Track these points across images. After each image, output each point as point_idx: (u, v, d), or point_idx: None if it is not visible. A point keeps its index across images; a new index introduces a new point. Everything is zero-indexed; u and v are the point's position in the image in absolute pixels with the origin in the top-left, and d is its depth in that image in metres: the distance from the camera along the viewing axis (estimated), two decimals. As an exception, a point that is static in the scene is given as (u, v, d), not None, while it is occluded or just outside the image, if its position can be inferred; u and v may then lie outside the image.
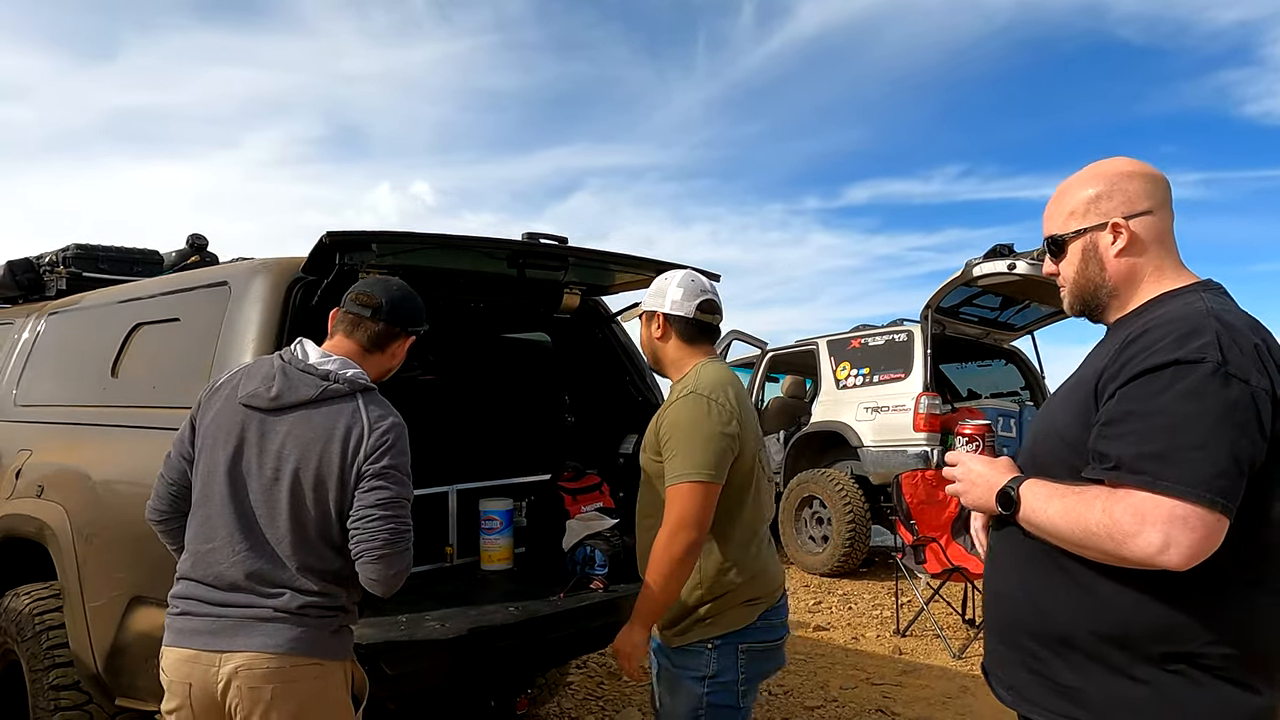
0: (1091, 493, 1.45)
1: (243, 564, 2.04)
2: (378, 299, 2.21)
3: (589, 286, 3.71)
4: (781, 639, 2.37)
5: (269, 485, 2.06)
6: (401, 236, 2.66)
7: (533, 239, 3.04)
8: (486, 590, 3.16)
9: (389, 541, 2.01)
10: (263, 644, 2.02)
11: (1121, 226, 1.62)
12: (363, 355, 2.20)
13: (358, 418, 2.07)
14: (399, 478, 2.06)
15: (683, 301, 2.40)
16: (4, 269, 4.60)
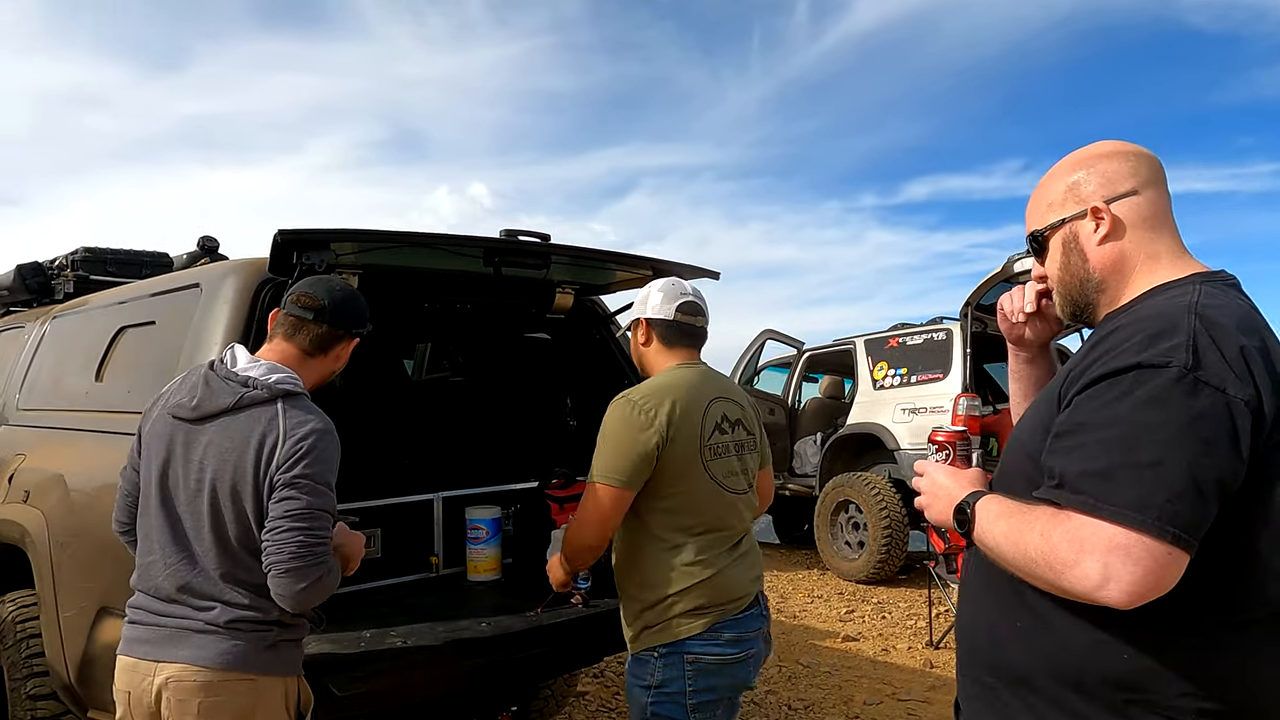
0: (1035, 514, 1.26)
1: (174, 577, 2.02)
2: (320, 300, 2.12)
3: (583, 286, 3.57)
4: (742, 655, 2.23)
5: (193, 497, 2.02)
6: (357, 234, 2.54)
7: (510, 236, 2.91)
8: (467, 603, 3.03)
9: (296, 555, 1.91)
10: (192, 656, 1.98)
11: (1102, 211, 1.43)
12: (302, 359, 2.13)
13: (274, 425, 1.98)
14: (311, 487, 1.95)
15: (662, 304, 2.38)
16: (14, 273, 4.62)
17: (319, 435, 2.00)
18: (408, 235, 2.65)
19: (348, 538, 2.22)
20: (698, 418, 2.25)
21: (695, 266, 3.47)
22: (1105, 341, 1.29)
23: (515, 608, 2.89)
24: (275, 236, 2.46)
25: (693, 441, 2.22)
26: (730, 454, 2.31)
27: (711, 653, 2.19)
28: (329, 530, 1.99)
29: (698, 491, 2.23)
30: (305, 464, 1.95)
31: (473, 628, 2.66)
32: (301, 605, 1.98)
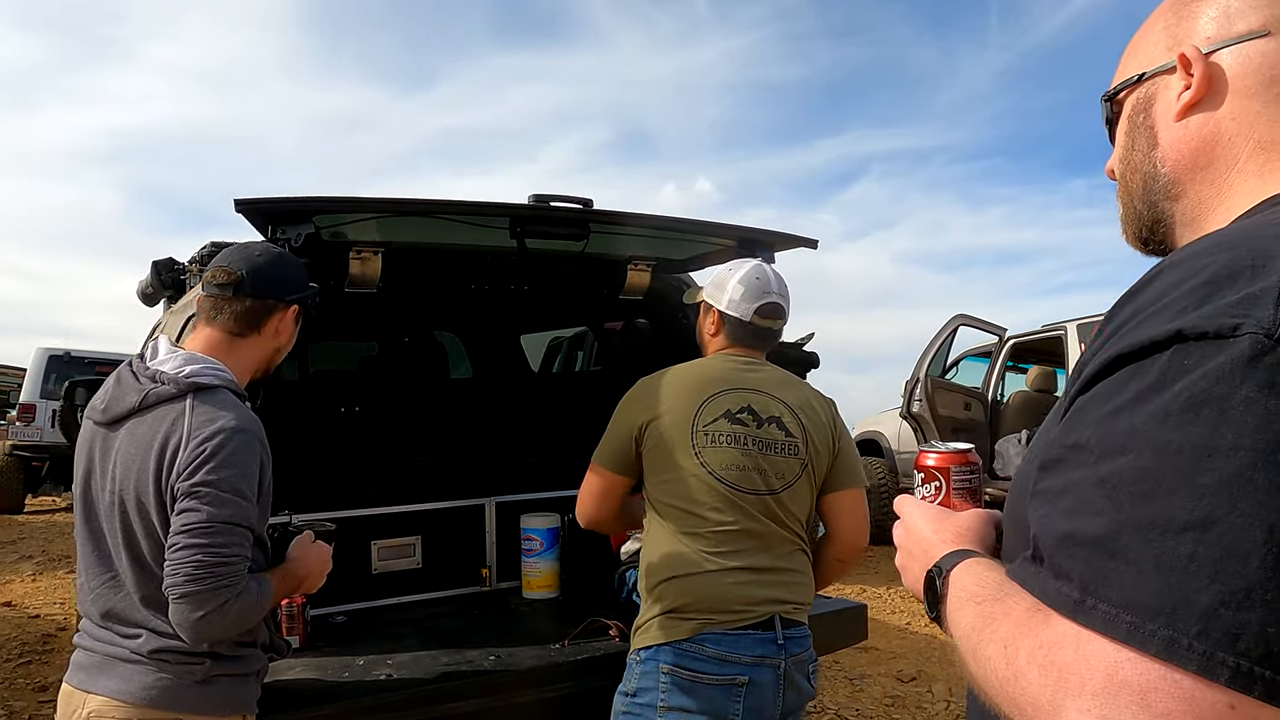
0: (1003, 607, 0.71)
1: (99, 601, 1.77)
2: (236, 272, 1.81)
3: (660, 261, 3.08)
4: (724, 680, 1.93)
5: (109, 511, 1.75)
6: (335, 202, 2.20)
7: (540, 201, 2.47)
8: (500, 626, 2.65)
9: (191, 577, 1.59)
10: (115, 689, 1.71)
11: (1193, 60, 0.84)
12: (230, 343, 1.82)
13: (178, 425, 1.68)
14: (214, 496, 1.63)
15: (740, 302, 2.19)
16: (150, 269, 4.76)
17: (228, 435, 1.67)
18: (402, 203, 2.28)
19: (303, 551, 1.90)
20: (698, 402, 2.07)
21: (791, 235, 2.91)
22: (1140, 294, 0.70)
23: (548, 636, 2.48)
24: (235, 207, 2.17)
25: (683, 424, 2.04)
26: (744, 445, 2.05)
27: (689, 666, 1.94)
28: (240, 547, 1.66)
29: (686, 479, 2.03)
30: (208, 469, 1.64)
31: (477, 660, 2.27)
32: (202, 637, 1.65)
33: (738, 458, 2.05)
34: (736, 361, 2.17)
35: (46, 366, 11.94)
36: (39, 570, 7.93)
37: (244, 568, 1.67)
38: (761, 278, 2.22)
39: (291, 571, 1.86)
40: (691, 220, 2.74)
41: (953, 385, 8.34)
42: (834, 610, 2.73)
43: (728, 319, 2.20)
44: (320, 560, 1.92)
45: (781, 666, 1.98)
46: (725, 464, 2.04)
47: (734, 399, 2.09)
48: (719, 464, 2.03)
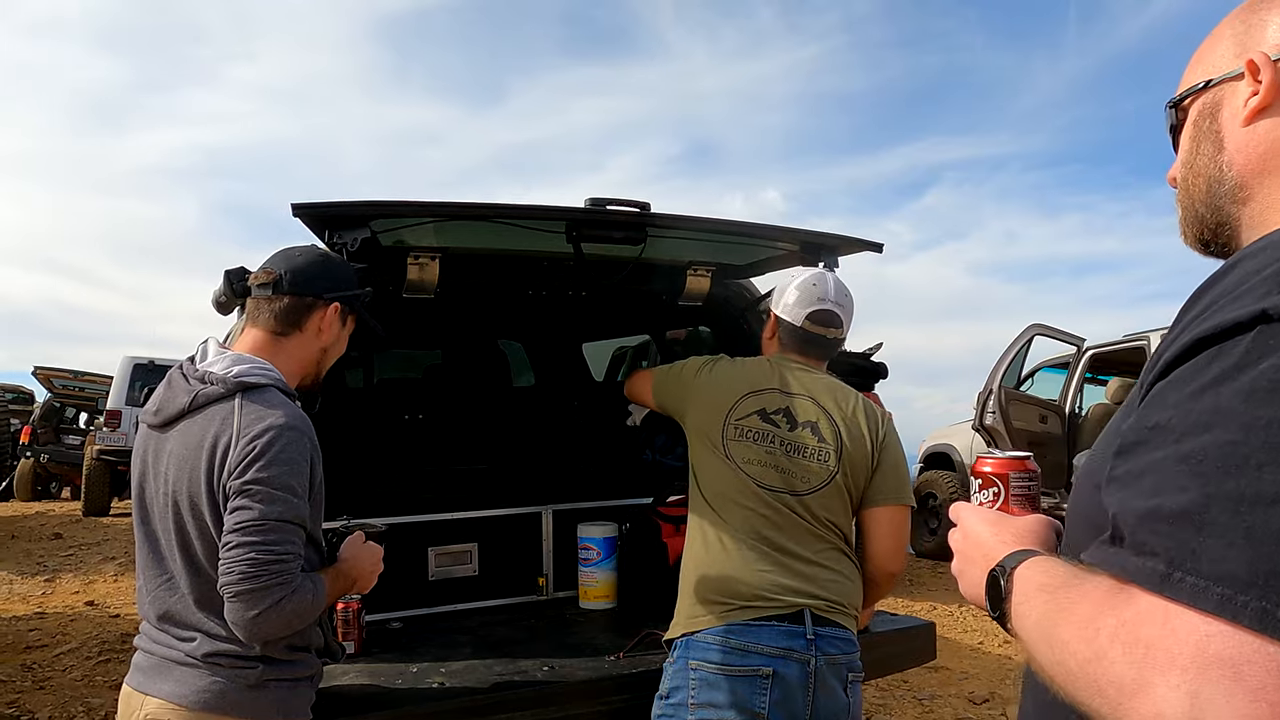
0: (1081, 591, 0.70)
1: (156, 603, 1.79)
2: (275, 271, 1.86)
3: (721, 267, 3.02)
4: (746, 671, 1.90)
5: (163, 513, 1.76)
6: (392, 206, 2.20)
7: (597, 205, 2.44)
8: (555, 636, 2.61)
9: (246, 575, 1.60)
10: (171, 692, 1.73)
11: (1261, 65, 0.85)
12: (274, 343, 1.84)
13: (228, 424, 1.69)
14: (266, 494, 1.63)
15: (794, 306, 2.22)
16: (223, 279, 4.87)
17: (277, 432, 1.67)
18: (456, 206, 2.27)
19: (355, 552, 1.90)
20: (736, 396, 2.12)
21: (854, 238, 2.83)
22: (1218, 284, 0.71)
23: (603, 647, 2.43)
24: (293, 211, 2.18)
25: (716, 417, 2.10)
26: (771, 444, 2.08)
27: (713, 659, 1.93)
28: (293, 545, 1.66)
29: (720, 470, 2.08)
30: (259, 466, 1.65)
31: (529, 671, 2.23)
32: (257, 636, 1.65)
33: (760, 454, 2.08)
34: (787, 365, 2.20)
35: (132, 374, 12.40)
36: (121, 571, 8.20)
37: (297, 565, 1.66)
38: (819, 284, 2.23)
39: (344, 572, 1.86)
40: (750, 224, 2.68)
41: (1028, 397, 8.07)
42: (900, 628, 2.63)
43: (782, 324, 2.24)
44: (372, 560, 1.92)
45: (811, 664, 1.93)
46: (746, 459, 2.07)
47: (773, 399, 2.12)
48: (741, 458, 2.08)
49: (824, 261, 2.80)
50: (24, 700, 4.67)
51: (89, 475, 12.44)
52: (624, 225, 2.45)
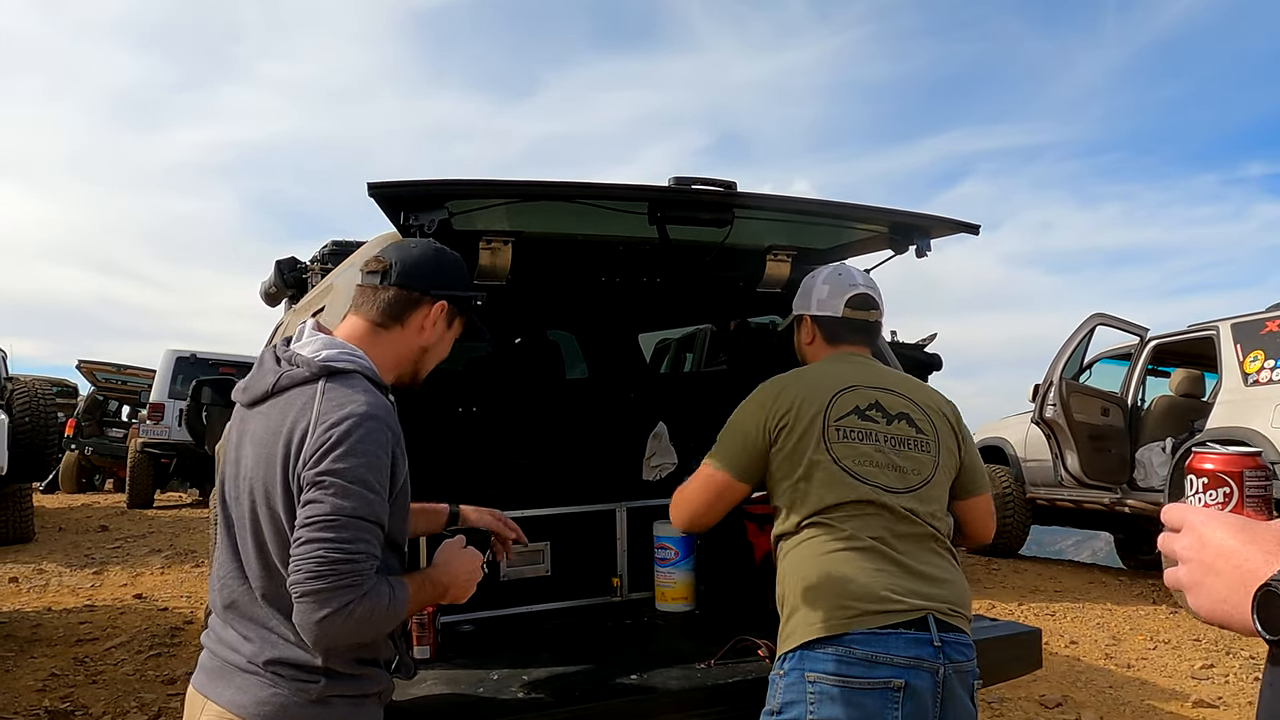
0: None
1: (224, 590, 1.68)
2: (387, 260, 1.75)
3: (802, 251, 2.86)
4: (876, 684, 1.78)
5: (239, 498, 1.66)
6: (472, 186, 2.06)
7: (683, 183, 2.29)
8: (635, 641, 2.47)
9: (314, 574, 1.48)
10: (231, 700, 1.62)
11: None
12: (373, 333, 1.74)
13: (308, 410, 1.58)
14: (340, 487, 1.51)
15: (829, 299, 2.19)
16: (274, 269, 4.79)
17: (356, 421, 1.55)
18: (537, 185, 2.13)
19: (450, 556, 1.76)
20: (826, 399, 2.03)
21: (949, 219, 2.67)
22: None
23: (690, 654, 2.29)
24: (369, 191, 2.05)
25: (815, 424, 1.99)
26: (876, 441, 2.01)
27: (836, 671, 1.80)
28: (366, 543, 1.53)
29: (825, 477, 1.96)
30: (334, 456, 1.53)
31: (613, 682, 2.09)
32: (324, 641, 1.52)
33: (871, 454, 2.00)
34: (853, 360, 2.15)
35: (174, 368, 12.46)
36: (167, 563, 8.21)
37: (370, 566, 1.54)
38: (844, 273, 2.23)
39: (434, 578, 1.72)
40: (840, 204, 2.52)
41: (1090, 389, 7.81)
42: (1004, 635, 2.46)
43: (821, 320, 2.19)
44: (468, 568, 1.77)
45: (940, 673, 1.83)
46: (859, 459, 1.99)
47: (862, 396, 2.06)
48: (852, 460, 1.98)
49: (916, 244, 2.64)
50: (77, 695, 4.64)
51: (133, 468, 12.53)
52: (712, 206, 2.30)
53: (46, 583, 7.33)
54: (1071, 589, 7.66)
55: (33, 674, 4.95)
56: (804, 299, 2.23)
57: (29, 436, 8.48)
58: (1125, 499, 7.55)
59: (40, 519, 10.18)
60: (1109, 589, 7.68)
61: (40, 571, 7.71)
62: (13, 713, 4.40)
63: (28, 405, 8.59)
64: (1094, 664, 5.55)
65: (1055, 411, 7.35)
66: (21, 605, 6.62)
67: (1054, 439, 7.59)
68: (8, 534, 8.93)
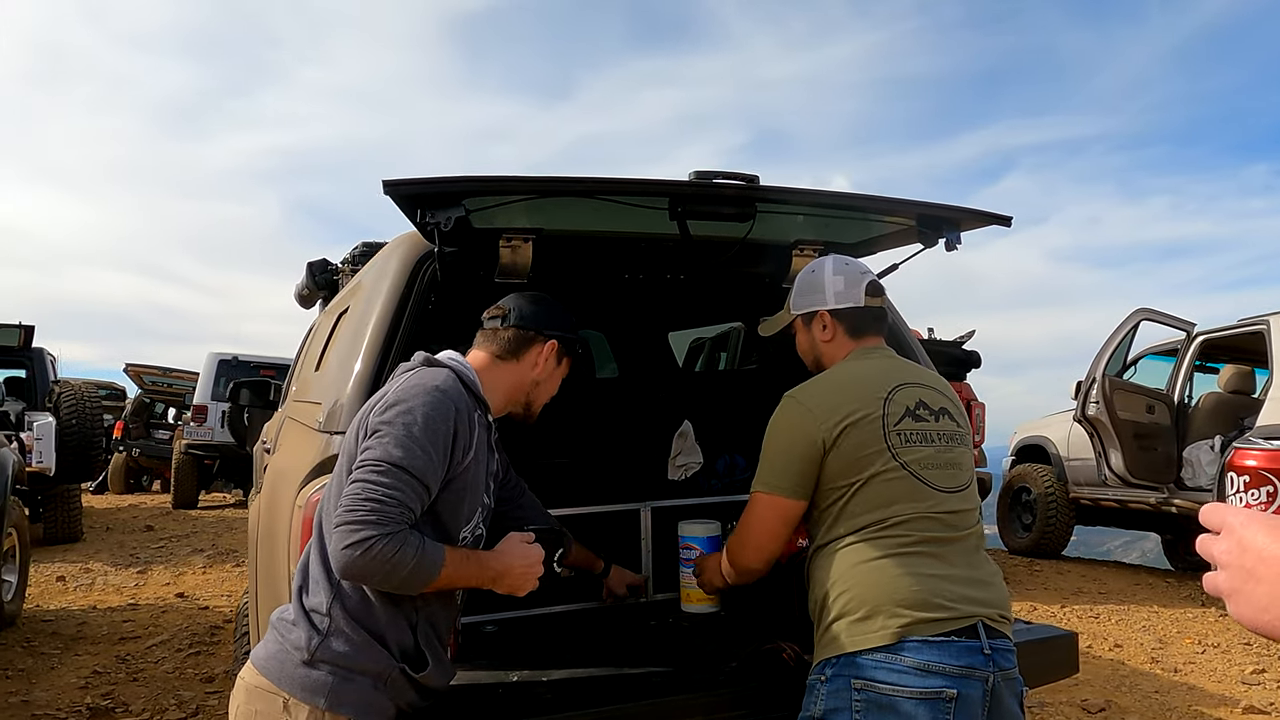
0: None
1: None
2: (506, 307, 2.02)
3: (827, 246, 2.81)
4: (929, 693, 1.73)
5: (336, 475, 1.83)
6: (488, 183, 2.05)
7: (703, 178, 2.25)
8: (659, 643, 2.44)
9: (348, 507, 1.59)
10: (254, 653, 1.76)
11: None
12: (492, 364, 1.97)
13: (395, 380, 1.83)
14: (395, 436, 1.66)
15: (848, 289, 2.12)
16: (305, 271, 4.83)
17: (427, 390, 1.73)
18: (554, 181, 2.11)
19: (510, 546, 1.81)
20: (879, 403, 1.95)
21: (980, 211, 2.60)
22: None
23: (714, 657, 2.25)
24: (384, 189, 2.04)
25: (874, 427, 1.93)
26: (934, 443, 1.96)
27: (885, 679, 1.74)
28: (402, 493, 1.62)
29: (886, 484, 1.90)
30: (398, 410, 1.70)
31: (643, 681, 2.07)
32: (344, 570, 1.60)
33: (933, 456, 1.96)
34: (882, 355, 2.11)
35: (217, 370, 12.66)
36: (209, 563, 8.33)
37: (400, 513, 1.60)
38: (850, 262, 2.20)
39: (484, 560, 1.77)
40: (867, 196, 2.47)
41: (1134, 386, 7.63)
42: (1040, 639, 2.39)
43: (842, 313, 2.12)
44: (524, 560, 1.81)
45: (990, 681, 1.78)
46: (924, 462, 1.94)
47: (908, 395, 2.01)
48: (919, 464, 1.93)
49: (945, 237, 2.58)
50: (118, 692, 4.72)
51: (178, 469, 12.76)
52: (734, 200, 2.26)
53: (92, 581, 7.48)
54: (1117, 591, 7.48)
55: (76, 671, 5.05)
56: (814, 294, 2.15)
57: (76, 439, 8.67)
58: (1172, 499, 7.36)
59: (88, 519, 10.41)
60: (1156, 591, 7.48)
61: (87, 570, 7.88)
62: (56, 709, 4.49)
63: (74, 408, 8.78)
64: (1139, 668, 5.40)
65: (1098, 409, 7.19)
66: (68, 603, 6.76)
67: (1097, 437, 7.42)
68: (57, 534, 9.13)
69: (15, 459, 6.16)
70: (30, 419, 8.28)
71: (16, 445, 7.20)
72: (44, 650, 5.45)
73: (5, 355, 9.34)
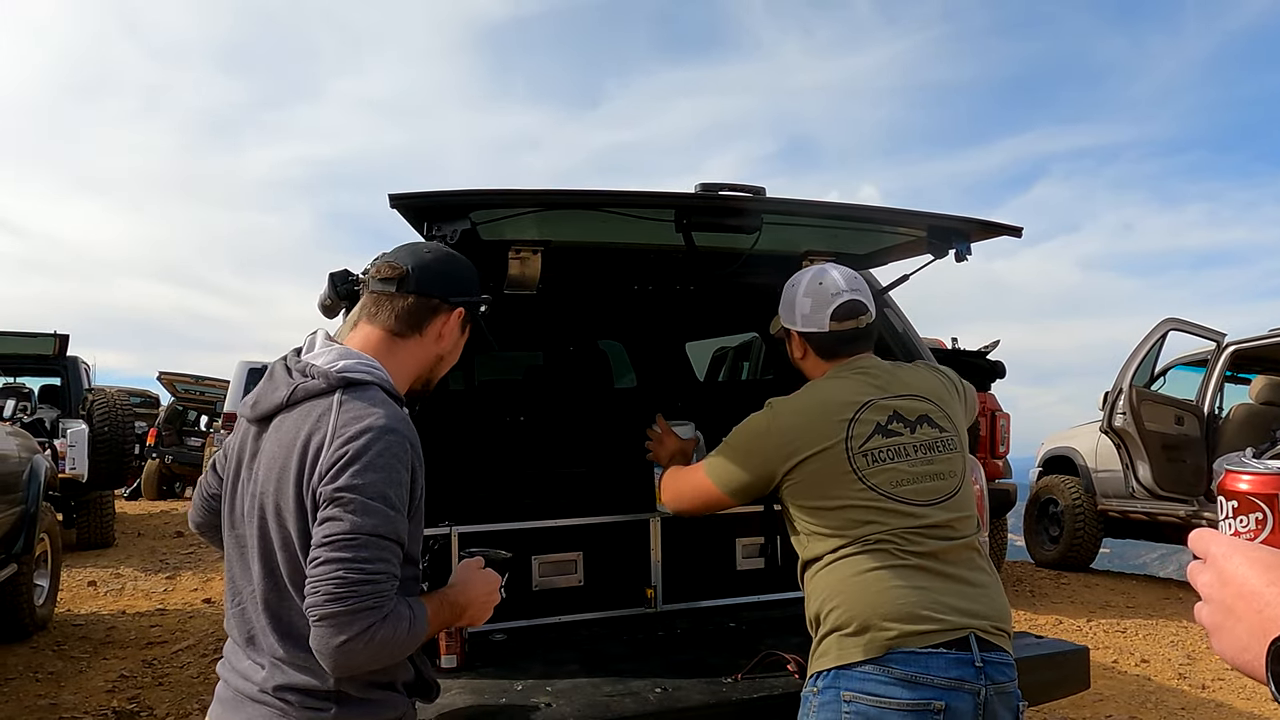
0: None
1: (237, 621, 1.62)
2: (402, 267, 1.66)
3: (837, 257, 2.81)
4: (917, 704, 1.73)
5: (249, 517, 1.59)
6: (496, 196, 2.07)
7: (709, 190, 2.27)
8: (665, 653, 2.45)
9: (333, 596, 1.41)
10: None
11: None
12: (390, 343, 1.66)
13: (323, 422, 1.51)
14: (360, 504, 1.45)
15: (813, 314, 2.08)
16: (328, 282, 4.89)
17: (376, 434, 1.49)
18: (560, 194, 2.14)
19: (467, 576, 1.72)
20: (843, 427, 1.94)
21: (989, 221, 2.60)
22: None
23: (720, 668, 2.25)
24: (390, 203, 2.08)
25: (838, 457, 1.92)
26: (908, 456, 1.94)
27: (874, 692, 1.75)
28: (387, 563, 1.47)
29: (858, 510, 1.89)
30: (353, 472, 1.46)
31: (638, 696, 2.07)
32: (344, 667, 1.46)
33: (905, 471, 1.94)
34: (857, 369, 2.06)
35: (247, 378, 12.78)
36: (236, 569, 8.43)
37: (391, 586, 1.48)
38: (825, 281, 2.10)
39: (451, 600, 1.67)
40: (873, 208, 2.48)
41: (1162, 397, 7.52)
42: (1050, 653, 2.37)
43: (809, 337, 2.09)
44: (486, 589, 1.72)
45: (981, 694, 1.77)
46: (895, 481, 1.92)
47: (879, 410, 1.97)
48: (889, 483, 1.91)
49: (955, 248, 2.57)
50: (144, 696, 4.79)
51: (208, 476, 12.92)
52: (738, 212, 2.27)
53: (122, 587, 7.60)
54: (1145, 605, 7.37)
55: (104, 675, 5.14)
56: (788, 312, 2.13)
57: (108, 446, 8.81)
58: (1202, 511, 7.23)
59: (120, 524, 10.58)
60: (1185, 605, 7.35)
61: (117, 576, 8.01)
62: (83, 712, 4.57)
63: (106, 415, 8.94)
64: (1166, 684, 5.31)
65: (1125, 420, 7.09)
66: (99, 608, 6.88)
67: (1124, 449, 7.32)
68: (89, 539, 9.28)
69: (48, 465, 6.29)
70: (64, 426, 8.45)
71: (50, 452, 7.34)
72: (73, 654, 5.55)
73: (40, 364, 9.54)
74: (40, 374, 9.96)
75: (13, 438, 5.90)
